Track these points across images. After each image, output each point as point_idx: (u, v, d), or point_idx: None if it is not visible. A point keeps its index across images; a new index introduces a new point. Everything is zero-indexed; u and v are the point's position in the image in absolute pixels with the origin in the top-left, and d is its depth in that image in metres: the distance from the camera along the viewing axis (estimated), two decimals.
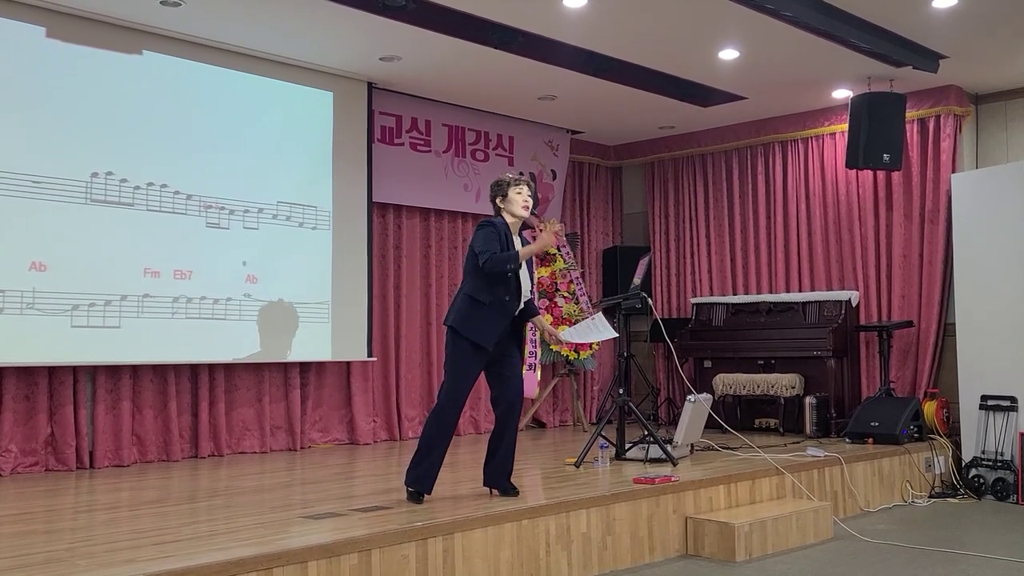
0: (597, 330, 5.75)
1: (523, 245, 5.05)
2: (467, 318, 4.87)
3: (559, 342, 5.48)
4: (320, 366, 7.73)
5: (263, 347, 7.10)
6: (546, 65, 7.27)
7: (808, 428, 7.96)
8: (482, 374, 4.96)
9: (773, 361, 8.48)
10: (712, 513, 5.52)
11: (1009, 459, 7.12)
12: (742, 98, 8.32)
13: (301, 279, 7.36)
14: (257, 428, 7.33)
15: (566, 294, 9.03)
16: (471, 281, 4.95)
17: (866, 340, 8.38)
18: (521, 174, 5.16)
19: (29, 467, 6.24)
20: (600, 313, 5.92)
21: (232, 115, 7.06)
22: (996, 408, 7.25)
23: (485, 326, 4.85)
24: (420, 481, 4.84)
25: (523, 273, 5.02)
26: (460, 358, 4.87)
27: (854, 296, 8.38)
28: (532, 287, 5.13)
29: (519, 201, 5.03)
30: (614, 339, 6.17)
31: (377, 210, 8.07)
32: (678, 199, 9.76)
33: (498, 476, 5.04)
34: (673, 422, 8.35)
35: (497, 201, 5.10)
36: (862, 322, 8.34)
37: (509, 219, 5.05)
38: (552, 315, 8.85)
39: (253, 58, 7.10)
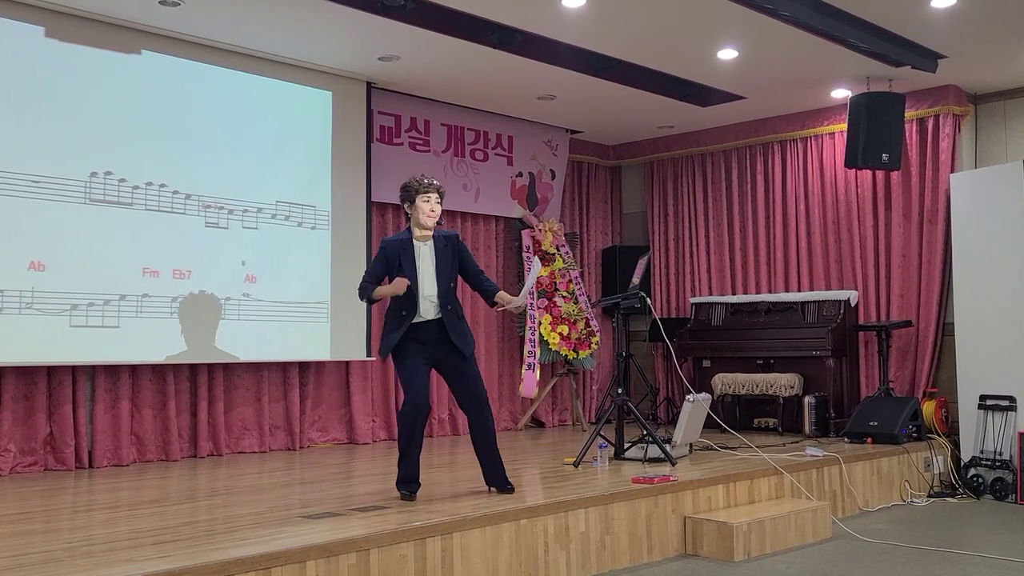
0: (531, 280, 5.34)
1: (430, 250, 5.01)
2: (382, 335, 5.06)
3: (520, 305, 5.27)
4: (319, 366, 7.73)
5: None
6: (545, 65, 7.26)
7: (807, 428, 7.96)
8: (447, 388, 5.09)
9: (772, 361, 8.48)
10: (711, 513, 5.52)
11: (1008, 459, 7.13)
12: (741, 98, 8.32)
13: (300, 279, 7.35)
14: (256, 428, 7.33)
15: (565, 293, 9.03)
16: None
17: (865, 340, 8.38)
18: (433, 181, 5.03)
19: (28, 467, 6.25)
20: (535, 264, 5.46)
21: (231, 115, 7.05)
22: (995, 408, 7.25)
23: (386, 339, 4.99)
24: (406, 477, 4.94)
25: (429, 275, 4.95)
26: (399, 370, 5.01)
27: (853, 296, 8.38)
28: (450, 284, 4.99)
29: (425, 210, 4.95)
30: (612, 339, 6.14)
31: (376, 210, 8.07)
32: (677, 199, 9.76)
33: (494, 475, 5.11)
34: (672, 422, 8.34)
35: (406, 207, 5.04)
36: (861, 322, 8.34)
37: (416, 230, 5.00)
38: (551, 314, 8.85)
39: (252, 58, 7.10)
